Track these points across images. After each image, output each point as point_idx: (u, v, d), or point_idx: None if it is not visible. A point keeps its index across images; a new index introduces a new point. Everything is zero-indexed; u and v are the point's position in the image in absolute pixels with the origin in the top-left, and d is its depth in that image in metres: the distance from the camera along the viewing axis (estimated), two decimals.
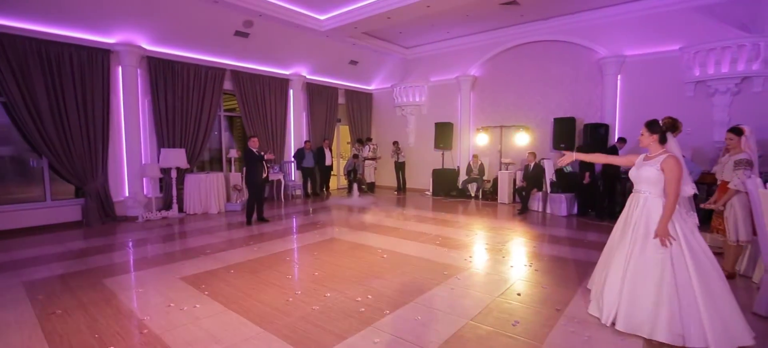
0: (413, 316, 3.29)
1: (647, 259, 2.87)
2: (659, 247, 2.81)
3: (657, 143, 3.00)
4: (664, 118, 3.03)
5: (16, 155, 6.97)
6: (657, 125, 2.99)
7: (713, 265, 2.82)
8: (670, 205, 2.79)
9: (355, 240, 5.93)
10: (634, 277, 2.90)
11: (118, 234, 6.40)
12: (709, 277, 2.77)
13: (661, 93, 7.87)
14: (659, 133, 2.97)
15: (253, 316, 3.31)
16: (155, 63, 7.68)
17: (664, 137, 2.98)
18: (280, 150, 10.17)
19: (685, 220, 2.91)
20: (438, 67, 11.16)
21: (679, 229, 2.83)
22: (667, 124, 2.99)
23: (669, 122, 3.00)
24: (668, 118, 3.02)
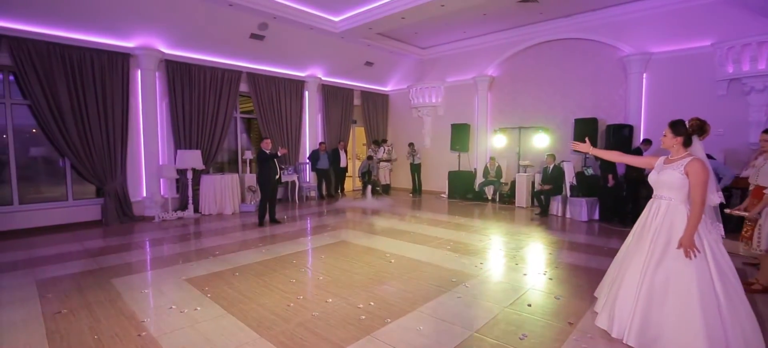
0: (415, 326, 3.15)
1: (668, 270, 2.64)
2: (681, 258, 2.58)
3: (681, 146, 2.76)
4: (691, 120, 2.77)
5: (47, 156, 7.22)
6: (682, 126, 2.75)
7: (737, 281, 2.59)
8: (697, 212, 2.55)
9: (365, 243, 5.83)
10: (651, 290, 2.68)
11: (133, 234, 6.53)
12: (734, 295, 2.54)
13: (690, 92, 7.43)
14: (684, 136, 2.72)
15: (252, 321, 3.26)
16: (173, 66, 7.83)
17: (690, 140, 2.74)
18: (295, 151, 10.20)
19: (710, 230, 2.67)
20: (454, 67, 10.96)
21: (705, 241, 2.60)
22: (694, 126, 2.73)
23: (696, 124, 2.72)
24: (695, 120, 2.75)
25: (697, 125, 2.72)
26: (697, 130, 2.73)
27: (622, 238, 6.11)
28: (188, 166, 7.78)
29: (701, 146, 2.75)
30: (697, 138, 2.74)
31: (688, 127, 2.74)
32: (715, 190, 2.72)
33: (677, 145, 2.77)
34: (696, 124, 2.73)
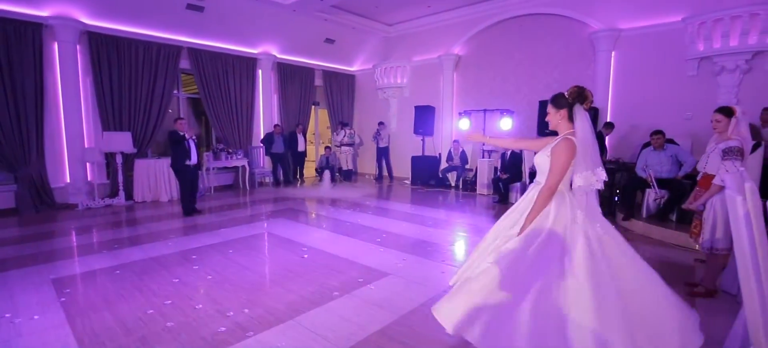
0: (276, 343, 2.61)
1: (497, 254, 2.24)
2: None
3: (566, 121, 2.31)
4: (570, 88, 2.29)
5: None
6: (563, 98, 2.31)
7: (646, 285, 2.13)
8: (543, 196, 2.19)
9: (288, 235, 5.27)
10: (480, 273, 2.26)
11: (42, 224, 5.92)
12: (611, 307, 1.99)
13: (658, 72, 6.85)
14: (567, 107, 2.28)
15: (86, 335, 2.71)
16: (97, 39, 7.11)
17: (572, 112, 2.27)
18: (247, 135, 9.55)
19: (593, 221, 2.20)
20: (421, 45, 10.28)
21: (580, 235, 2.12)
22: (573, 93, 2.28)
23: (575, 91, 2.28)
24: (574, 87, 2.30)
25: (576, 92, 2.28)
26: (577, 98, 2.27)
27: None
28: (116, 149, 7.13)
29: (587, 117, 2.24)
30: (580, 106, 2.26)
31: (567, 96, 2.30)
32: (593, 170, 2.18)
33: (563, 121, 2.33)
34: (575, 91, 2.28)
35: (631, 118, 7.09)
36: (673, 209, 5.24)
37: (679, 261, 4.31)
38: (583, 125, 2.20)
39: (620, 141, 7.22)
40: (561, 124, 2.32)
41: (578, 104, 2.24)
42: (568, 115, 2.27)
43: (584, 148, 2.17)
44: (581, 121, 2.21)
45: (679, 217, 5.16)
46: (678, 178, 5.30)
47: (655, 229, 5.12)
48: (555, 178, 2.17)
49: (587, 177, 2.17)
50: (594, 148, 2.20)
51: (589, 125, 2.22)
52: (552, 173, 2.18)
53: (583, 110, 2.23)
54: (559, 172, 2.16)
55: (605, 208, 6.33)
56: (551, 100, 2.37)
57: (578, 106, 2.23)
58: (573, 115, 2.25)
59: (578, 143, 2.17)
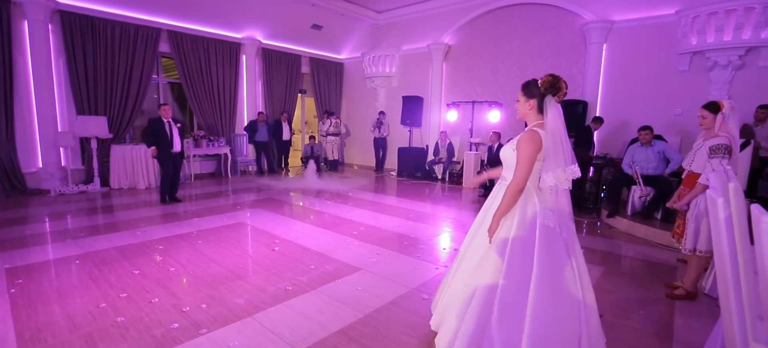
0: (228, 341, 2.45)
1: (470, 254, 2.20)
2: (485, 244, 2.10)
3: (535, 111, 2.10)
4: (545, 76, 2.07)
5: None
6: (535, 87, 2.08)
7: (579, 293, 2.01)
8: (511, 191, 2.01)
9: (262, 226, 5.10)
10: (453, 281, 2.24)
11: (11, 209, 5.68)
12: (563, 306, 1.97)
13: (650, 66, 6.71)
14: (538, 98, 2.06)
15: (27, 330, 2.54)
16: (70, 18, 6.80)
17: (543, 103, 2.05)
18: (229, 122, 9.30)
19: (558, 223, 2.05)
20: (410, 33, 10.04)
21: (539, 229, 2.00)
22: (546, 82, 2.04)
23: (548, 80, 2.04)
24: (548, 76, 2.06)
25: (549, 82, 2.04)
26: (549, 88, 2.04)
27: None
28: (91, 134, 6.87)
29: (558, 110, 2.05)
30: (552, 98, 2.04)
31: (540, 85, 2.06)
32: (564, 167, 2.02)
33: (532, 111, 2.11)
34: (548, 81, 2.04)
35: (621, 113, 6.96)
36: (658, 207, 5.13)
37: (661, 260, 4.20)
38: (554, 118, 2.01)
39: (609, 136, 7.09)
40: (529, 115, 2.12)
41: (550, 95, 2.03)
42: (538, 106, 2.07)
43: (555, 143, 1.99)
44: (553, 113, 2.01)
45: (664, 216, 5.05)
46: (664, 175, 5.18)
47: (639, 227, 5.01)
48: (521, 172, 1.98)
49: (558, 175, 1.99)
50: (566, 144, 2.02)
51: (561, 119, 2.03)
52: (518, 167, 2.00)
53: (555, 102, 2.03)
54: (526, 165, 1.97)
55: (591, 204, 6.25)
56: (522, 87, 2.15)
57: (550, 98, 2.03)
58: (544, 107, 2.04)
59: (549, 137, 1.99)
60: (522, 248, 1.96)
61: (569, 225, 2.07)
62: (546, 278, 1.92)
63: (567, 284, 1.98)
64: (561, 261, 1.99)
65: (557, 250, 1.99)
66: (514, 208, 2.03)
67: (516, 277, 1.94)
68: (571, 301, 1.99)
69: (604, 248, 4.59)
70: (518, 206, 2.02)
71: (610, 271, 3.85)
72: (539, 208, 2.01)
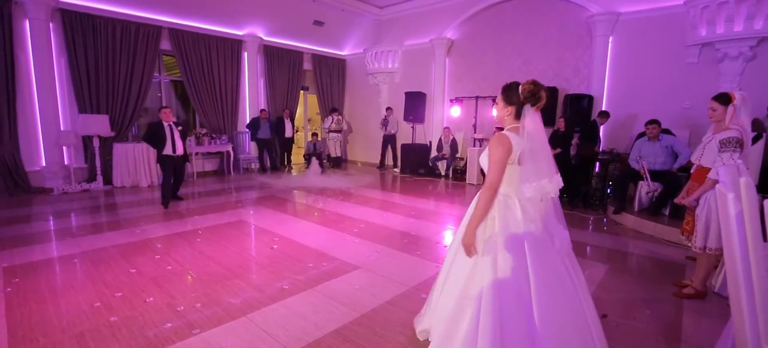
0: (220, 342, 2.40)
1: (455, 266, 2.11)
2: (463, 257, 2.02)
3: (512, 117, 2.00)
4: (524, 84, 1.96)
5: None
6: (515, 95, 1.97)
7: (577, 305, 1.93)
8: (483, 198, 1.93)
9: (262, 224, 5.06)
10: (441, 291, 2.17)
11: (13, 208, 5.69)
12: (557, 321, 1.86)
13: (657, 58, 6.54)
14: (516, 106, 1.96)
15: (20, 329, 2.52)
16: (71, 17, 6.79)
17: (521, 110, 1.95)
18: (232, 120, 9.28)
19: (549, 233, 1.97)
20: (412, 29, 9.92)
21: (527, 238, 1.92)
22: (526, 91, 1.93)
23: (529, 90, 1.93)
24: (529, 84, 1.95)
25: (529, 91, 1.93)
26: (529, 98, 1.93)
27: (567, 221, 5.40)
28: (93, 132, 6.88)
29: (537, 118, 1.95)
30: (531, 107, 1.94)
31: (521, 92, 1.95)
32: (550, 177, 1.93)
33: (509, 117, 2.01)
34: (529, 90, 1.93)
35: (628, 107, 6.80)
36: (666, 203, 5.00)
37: (669, 258, 4.09)
38: (533, 128, 1.91)
39: (616, 131, 6.94)
40: (506, 120, 2.03)
41: (529, 104, 1.93)
42: (516, 113, 1.97)
43: (534, 152, 1.90)
44: (531, 123, 1.91)
45: (672, 212, 4.92)
46: (673, 170, 5.05)
47: (647, 224, 4.89)
48: (492, 175, 1.90)
49: (542, 186, 1.90)
50: (546, 154, 1.94)
51: (540, 128, 1.94)
52: (489, 170, 1.93)
53: (534, 111, 1.94)
54: (496, 167, 1.89)
55: (597, 201, 6.12)
56: (502, 91, 2.04)
57: (528, 107, 1.93)
58: (522, 114, 1.94)
59: (526, 145, 1.90)
60: (513, 264, 1.86)
61: (562, 233, 1.98)
62: (545, 292, 1.83)
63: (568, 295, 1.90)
64: (557, 272, 1.90)
65: (552, 262, 1.91)
66: (494, 224, 1.94)
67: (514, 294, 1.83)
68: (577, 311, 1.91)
69: (610, 245, 4.48)
70: (498, 221, 1.93)
71: (616, 269, 3.75)
72: (522, 220, 1.91)
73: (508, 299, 1.83)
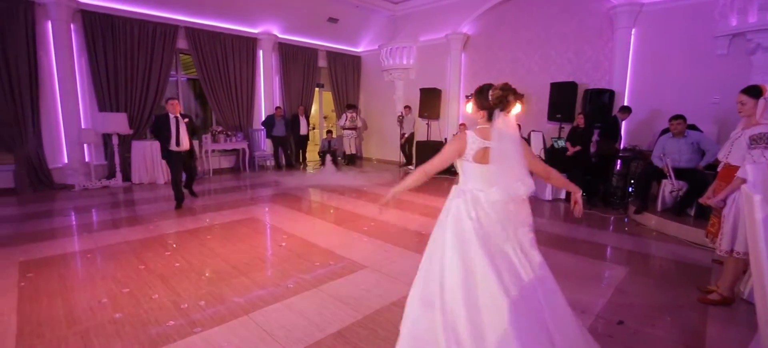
0: (220, 341, 2.38)
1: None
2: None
3: (485, 120, 1.99)
4: (494, 89, 1.92)
5: None
6: (484, 97, 1.95)
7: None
8: (413, 175, 2.13)
9: (273, 221, 5.07)
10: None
11: (36, 203, 5.89)
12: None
13: (684, 50, 6.22)
14: (486, 110, 1.96)
15: (27, 324, 2.56)
16: (91, 17, 6.96)
17: (492, 114, 1.93)
18: (247, 117, 9.36)
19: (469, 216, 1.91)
20: (427, 24, 9.77)
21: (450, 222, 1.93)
22: (495, 98, 1.90)
23: (497, 96, 1.90)
24: (499, 90, 1.90)
25: (498, 97, 1.90)
26: (498, 103, 1.90)
27: (585, 222, 5.21)
28: (112, 130, 7.06)
29: (509, 122, 1.91)
30: (500, 112, 1.91)
31: (490, 97, 1.92)
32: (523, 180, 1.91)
33: (482, 119, 2.01)
34: (498, 96, 1.90)
35: (652, 102, 6.50)
36: (691, 203, 4.74)
37: (694, 261, 3.87)
38: (502, 132, 1.89)
39: (638, 126, 6.65)
40: (479, 121, 2.02)
41: (498, 109, 1.90)
42: (488, 116, 1.95)
43: (501, 158, 1.89)
44: (501, 127, 1.89)
45: (698, 212, 4.66)
46: (699, 168, 4.78)
47: (671, 224, 4.65)
48: (434, 161, 2.03)
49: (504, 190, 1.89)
50: (517, 159, 1.90)
51: (511, 133, 1.91)
52: (436, 156, 2.03)
53: (504, 115, 1.90)
54: (440, 157, 2.01)
55: (617, 200, 5.88)
56: (474, 94, 2.03)
57: (498, 112, 1.90)
58: (492, 118, 1.92)
59: (495, 151, 1.89)
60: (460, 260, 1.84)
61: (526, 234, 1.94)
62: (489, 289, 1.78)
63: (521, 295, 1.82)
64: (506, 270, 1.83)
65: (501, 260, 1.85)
66: (447, 219, 1.96)
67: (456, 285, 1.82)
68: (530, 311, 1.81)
69: (630, 247, 4.28)
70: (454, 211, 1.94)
71: (636, 272, 3.57)
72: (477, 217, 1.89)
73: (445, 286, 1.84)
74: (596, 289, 3.20)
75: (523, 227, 1.94)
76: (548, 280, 1.92)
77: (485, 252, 1.81)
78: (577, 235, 4.66)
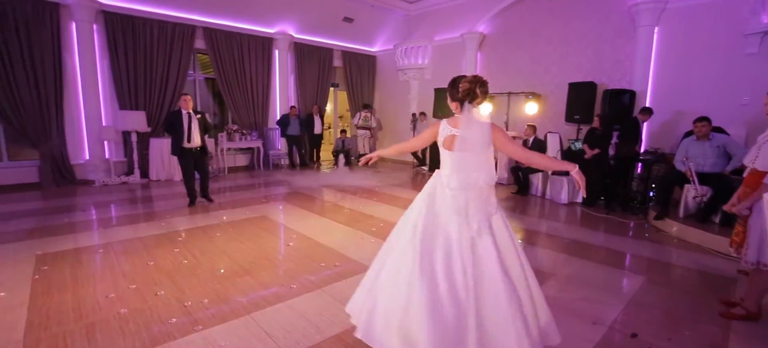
0: (220, 340, 2.37)
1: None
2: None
3: (459, 111, 2.16)
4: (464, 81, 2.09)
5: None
6: (455, 89, 2.13)
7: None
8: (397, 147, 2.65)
9: (282, 220, 5.08)
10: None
11: (57, 198, 6.07)
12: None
13: (710, 49, 5.93)
14: (457, 101, 2.14)
15: (37, 316, 2.62)
16: (113, 18, 7.16)
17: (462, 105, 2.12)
18: (262, 116, 9.45)
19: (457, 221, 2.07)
20: (443, 23, 9.66)
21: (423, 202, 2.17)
22: (463, 90, 2.08)
23: (466, 88, 2.07)
24: (467, 82, 2.07)
25: (466, 90, 2.07)
26: (466, 95, 2.08)
27: (593, 226, 5.03)
28: (131, 128, 7.23)
29: (470, 118, 2.08)
30: (469, 105, 2.09)
31: (459, 91, 2.09)
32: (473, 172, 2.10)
33: (456, 110, 2.18)
34: (466, 89, 2.07)
35: (675, 103, 6.23)
36: (716, 210, 4.51)
37: (718, 271, 3.67)
38: (469, 122, 2.06)
39: (660, 129, 6.39)
40: (455, 112, 2.20)
41: (467, 102, 2.07)
42: (460, 107, 2.13)
43: (464, 147, 2.06)
44: (467, 119, 2.07)
45: (723, 220, 4.42)
46: (724, 173, 4.54)
47: (693, 232, 4.43)
48: (412, 141, 2.62)
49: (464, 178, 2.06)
50: (480, 150, 2.06)
51: (478, 125, 2.06)
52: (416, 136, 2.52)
53: (473, 107, 2.08)
54: (418, 138, 2.46)
55: (637, 204, 5.65)
56: (448, 86, 2.20)
57: (467, 104, 2.07)
58: (463, 110, 2.10)
59: (459, 141, 2.07)
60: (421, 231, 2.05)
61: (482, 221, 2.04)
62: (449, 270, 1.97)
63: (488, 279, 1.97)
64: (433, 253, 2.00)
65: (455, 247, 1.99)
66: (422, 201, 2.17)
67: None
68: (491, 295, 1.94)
69: (648, 254, 4.10)
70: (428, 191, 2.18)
71: (654, 281, 3.41)
72: (432, 193, 2.14)
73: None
74: (611, 298, 3.06)
75: (478, 214, 2.04)
76: (492, 269, 1.96)
77: (423, 224, 2.04)
78: (593, 240, 4.50)
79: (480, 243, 1.99)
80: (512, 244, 2.09)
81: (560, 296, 3.05)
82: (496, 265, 1.95)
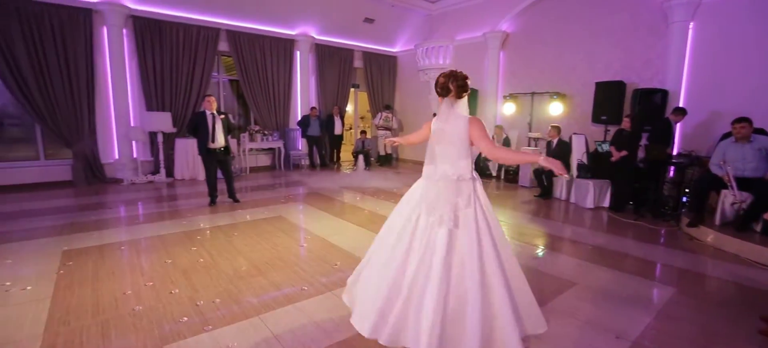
0: (227, 341, 2.37)
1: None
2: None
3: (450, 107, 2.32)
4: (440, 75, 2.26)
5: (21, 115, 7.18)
6: (436, 90, 2.30)
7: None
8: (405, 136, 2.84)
9: (298, 221, 5.10)
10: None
11: (88, 196, 6.33)
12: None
13: (750, 46, 5.56)
14: (439, 95, 2.30)
15: (57, 311, 2.71)
16: (141, 23, 7.41)
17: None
18: (283, 117, 9.57)
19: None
20: (465, 23, 9.50)
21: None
22: (438, 85, 2.27)
23: (440, 83, 2.25)
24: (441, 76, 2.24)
25: (440, 84, 2.25)
26: (442, 91, 2.26)
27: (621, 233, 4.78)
28: (157, 128, 7.47)
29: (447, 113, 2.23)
30: (447, 99, 2.24)
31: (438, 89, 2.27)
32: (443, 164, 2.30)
33: (440, 104, 2.32)
34: (439, 83, 2.25)
35: (711, 103, 5.87)
36: (757, 217, 4.19)
37: (758, 284, 3.40)
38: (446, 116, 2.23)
39: (695, 130, 6.04)
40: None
41: (445, 96, 2.23)
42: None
43: (438, 140, 2.24)
44: (443, 112, 2.24)
45: (764, 228, 4.11)
46: (766, 178, 4.23)
47: (731, 241, 4.13)
48: (414, 134, 2.67)
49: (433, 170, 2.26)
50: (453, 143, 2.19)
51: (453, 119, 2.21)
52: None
53: (448, 101, 2.22)
54: (417, 132, 2.58)
55: (669, 210, 5.35)
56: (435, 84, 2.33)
57: (446, 98, 2.23)
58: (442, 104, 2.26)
59: (433, 132, 2.27)
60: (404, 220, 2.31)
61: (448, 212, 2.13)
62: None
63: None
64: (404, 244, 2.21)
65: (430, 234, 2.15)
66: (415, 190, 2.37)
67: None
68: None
69: (680, 264, 3.85)
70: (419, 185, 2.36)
71: (686, 293, 3.19)
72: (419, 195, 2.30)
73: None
74: (637, 310, 2.88)
75: (446, 206, 2.13)
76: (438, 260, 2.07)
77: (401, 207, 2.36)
78: (620, 248, 4.28)
79: (438, 233, 2.12)
80: (477, 238, 2.12)
81: (581, 306, 2.90)
82: (441, 259, 2.06)
